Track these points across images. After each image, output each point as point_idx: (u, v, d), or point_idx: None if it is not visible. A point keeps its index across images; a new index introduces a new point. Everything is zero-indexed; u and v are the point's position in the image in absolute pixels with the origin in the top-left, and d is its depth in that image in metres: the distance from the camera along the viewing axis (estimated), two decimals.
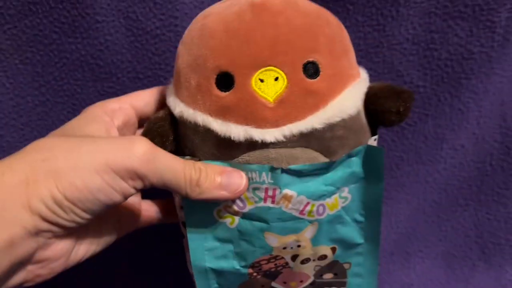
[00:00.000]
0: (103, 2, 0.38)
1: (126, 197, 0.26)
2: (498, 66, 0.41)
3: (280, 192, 0.28)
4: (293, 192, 0.28)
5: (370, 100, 0.30)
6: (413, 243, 0.47)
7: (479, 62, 0.41)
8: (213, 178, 0.27)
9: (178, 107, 0.29)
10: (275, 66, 0.26)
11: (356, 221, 0.31)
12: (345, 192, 0.30)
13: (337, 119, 0.27)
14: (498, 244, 0.46)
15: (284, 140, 0.27)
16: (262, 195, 0.28)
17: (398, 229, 0.47)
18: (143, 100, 0.33)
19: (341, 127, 0.28)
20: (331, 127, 0.27)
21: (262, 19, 0.27)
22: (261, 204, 0.29)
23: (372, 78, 0.41)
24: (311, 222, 0.30)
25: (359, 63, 0.33)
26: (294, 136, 0.27)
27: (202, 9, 0.31)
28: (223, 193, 0.27)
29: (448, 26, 0.40)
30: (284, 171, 0.27)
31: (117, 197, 0.25)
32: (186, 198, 0.28)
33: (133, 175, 0.25)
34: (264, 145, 0.27)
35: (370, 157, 0.29)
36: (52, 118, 0.43)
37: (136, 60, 0.41)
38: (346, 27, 0.41)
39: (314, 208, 0.29)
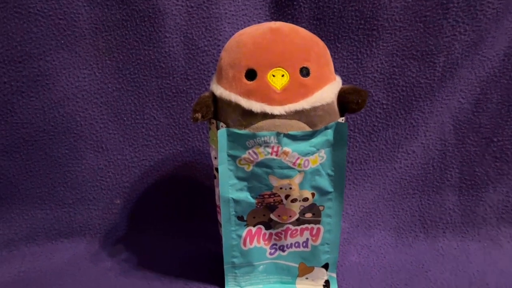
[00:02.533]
0: (171, 25, 0.54)
1: None
2: (439, 95, 0.55)
3: (281, 149, 0.40)
4: (289, 149, 0.40)
5: (340, 95, 0.42)
6: (373, 219, 0.59)
7: (425, 90, 0.55)
8: None
9: (219, 90, 0.41)
10: (282, 68, 0.39)
11: (328, 174, 0.43)
12: (322, 152, 0.42)
13: (319, 104, 0.40)
14: (434, 221, 0.58)
15: (285, 114, 0.39)
16: (270, 150, 0.40)
17: (363, 208, 0.59)
18: None
19: (321, 109, 0.40)
20: (314, 109, 0.40)
21: (276, 38, 0.40)
22: (269, 156, 0.41)
23: None
24: (299, 171, 0.41)
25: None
26: (291, 112, 0.39)
27: None
28: None
29: (404, 63, 0.54)
30: (285, 135, 0.39)
31: None
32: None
33: None
34: (272, 116, 0.39)
35: (338, 130, 0.41)
36: (123, 101, 0.58)
37: (188, 66, 0.56)
38: (334, 58, 0.56)
39: (302, 162, 0.41)
